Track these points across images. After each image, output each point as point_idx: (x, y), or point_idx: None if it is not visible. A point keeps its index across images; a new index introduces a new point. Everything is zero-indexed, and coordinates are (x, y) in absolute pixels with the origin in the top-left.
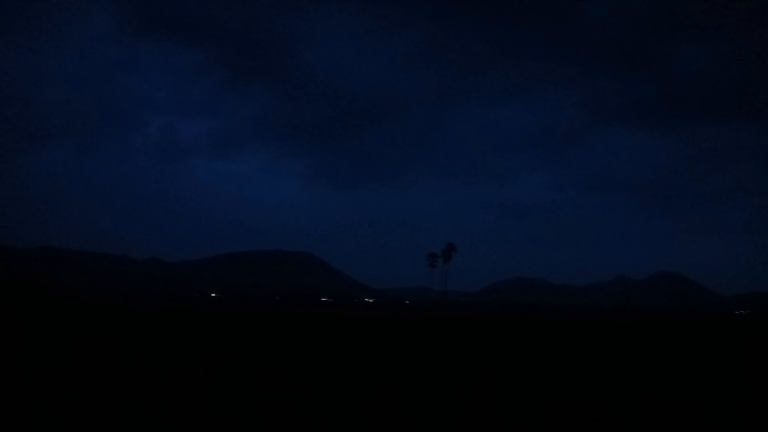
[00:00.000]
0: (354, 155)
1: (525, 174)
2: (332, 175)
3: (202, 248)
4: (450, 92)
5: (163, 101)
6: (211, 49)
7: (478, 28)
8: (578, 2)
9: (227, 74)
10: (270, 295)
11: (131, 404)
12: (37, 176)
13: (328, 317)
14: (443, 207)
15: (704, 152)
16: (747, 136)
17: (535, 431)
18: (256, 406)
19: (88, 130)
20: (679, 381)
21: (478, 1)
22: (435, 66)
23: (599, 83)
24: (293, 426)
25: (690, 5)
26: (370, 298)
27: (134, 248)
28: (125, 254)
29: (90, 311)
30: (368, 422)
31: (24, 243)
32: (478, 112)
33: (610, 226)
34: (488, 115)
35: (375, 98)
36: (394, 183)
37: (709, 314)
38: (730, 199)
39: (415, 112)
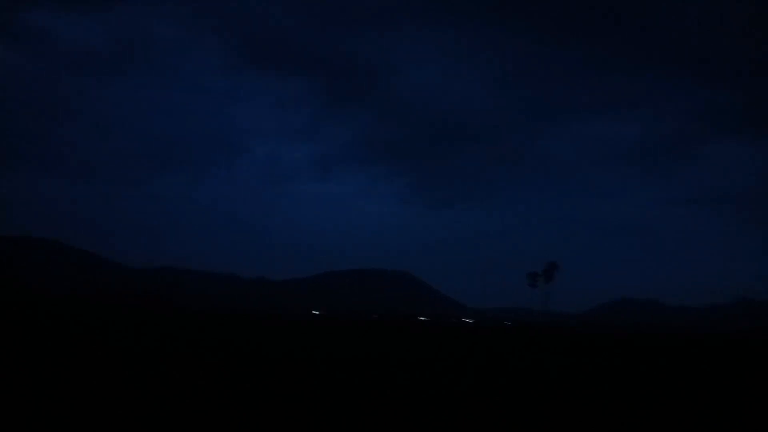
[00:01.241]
0: (450, 174)
1: (628, 189)
2: (429, 195)
3: (305, 267)
4: (545, 108)
5: (267, 128)
6: (312, 77)
7: (573, 40)
8: (680, 10)
9: (326, 100)
10: (368, 312)
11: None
12: (155, 201)
13: (426, 336)
14: (542, 224)
15: None
16: None
17: None
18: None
19: (200, 158)
20: None
21: (574, 13)
22: (530, 82)
23: (707, 93)
24: None
25: None
26: (469, 318)
27: (242, 267)
28: (234, 273)
29: (198, 328)
30: None
31: (143, 263)
32: (575, 126)
33: (725, 242)
34: (586, 129)
35: (468, 117)
36: (491, 201)
37: None
38: None
39: (510, 129)
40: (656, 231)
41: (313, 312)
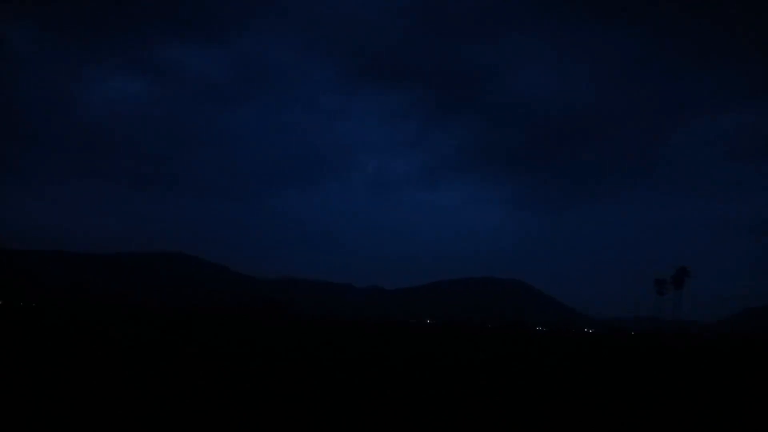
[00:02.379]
0: (563, 176)
1: (762, 186)
2: (540, 199)
3: (416, 276)
4: (667, 102)
5: (376, 141)
6: (417, 89)
7: (694, 30)
8: None
9: (432, 110)
10: (481, 322)
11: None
12: (274, 216)
13: (548, 345)
14: (669, 227)
15: None
16: None
17: None
18: None
19: (314, 173)
20: None
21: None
22: (649, 77)
23: None
24: None
25: None
26: (589, 328)
27: (357, 277)
28: (349, 282)
29: (316, 335)
30: None
31: (267, 273)
32: (702, 122)
33: None
34: (715, 125)
35: (582, 116)
36: (609, 202)
37: None
38: None
39: (629, 126)
40: None
41: (427, 321)
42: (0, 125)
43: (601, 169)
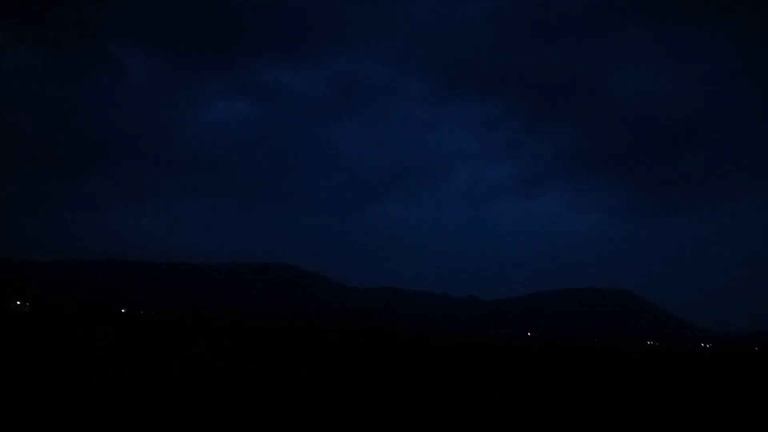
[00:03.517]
0: (670, 179)
1: None
2: (647, 203)
3: (514, 286)
4: None
5: (470, 150)
6: (510, 96)
7: None
8: None
9: (527, 117)
10: (589, 336)
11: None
12: (373, 225)
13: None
14: None
15: None
16: None
17: None
18: None
19: (408, 184)
20: None
21: None
22: (757, 77)
23: None
24: None
25: None
26: (707, 343)
27: (453, 287)
28: (445, 293)
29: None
30: None
31: (364, 282)
32: None
33: None
34: None
35: (688, 118)
36: (722, 207)
37: None
38: None
39: (737, 124)
40: None
41: (528, 334)
42: (120, 147)
43: (711, 171)
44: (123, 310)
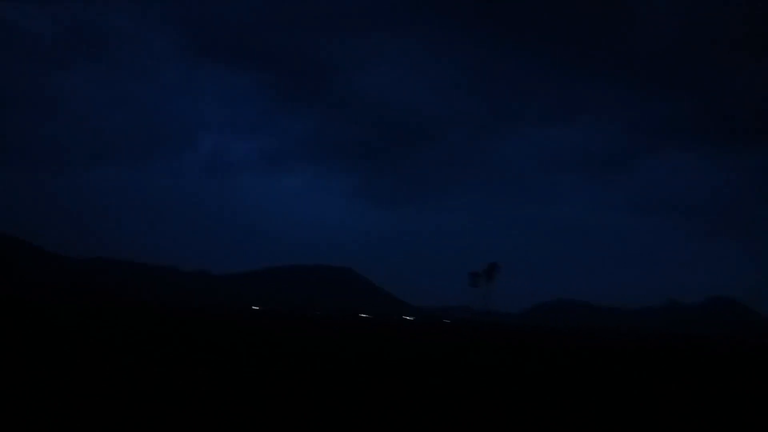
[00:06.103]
0: (398, 174)
1: (570, 195)
2: (375, 193)
3: (248, 261)
4: (494, 114)
5: (216, 121)
6: (263, 73)
7: (523, 53)
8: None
9: (277, 96)
10: (310, 309)
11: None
12: (96, 191)
13: (358, 335)
14: (486, 226)
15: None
16: None
17: None
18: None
19: (142, 150)
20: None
21: (524, 27)
22: (481, 89)
23: (648, 104)
24: None
25: (741, 25)
26: (410, 316)
27: (183, 260)
28: (174, 266)
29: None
30: None
31: (77, 252)
32: (522, 133)
33: (659, 248)
34: (532, 137)
35: (419, 120)
36: (437, 201)
37: (758, 342)
38: None
39: (460, 133)
40: (595, 236)
41: (253, 308)
42: None
43: (431, 171)
44: None
